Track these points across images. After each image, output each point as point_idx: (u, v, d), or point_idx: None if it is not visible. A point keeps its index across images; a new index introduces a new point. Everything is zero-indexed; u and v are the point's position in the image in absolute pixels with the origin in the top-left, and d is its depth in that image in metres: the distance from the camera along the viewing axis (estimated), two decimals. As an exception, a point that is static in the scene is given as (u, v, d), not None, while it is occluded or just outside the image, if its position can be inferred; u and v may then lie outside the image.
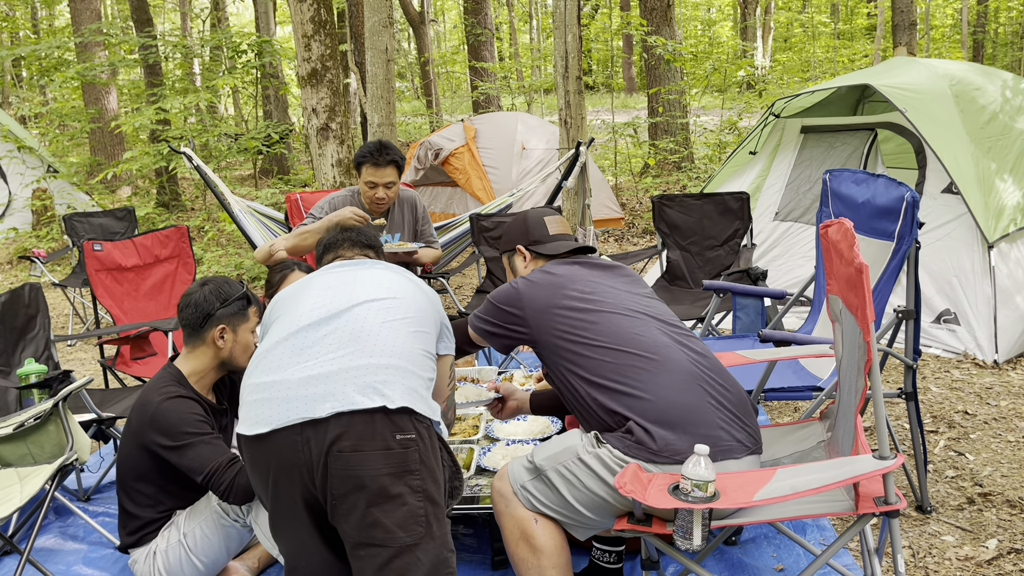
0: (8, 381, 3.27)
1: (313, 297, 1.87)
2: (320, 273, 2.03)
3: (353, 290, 1.89)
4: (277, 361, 1.74)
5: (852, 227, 1.87)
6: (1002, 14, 18.43)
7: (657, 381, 1.97)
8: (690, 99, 10.66)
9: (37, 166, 9.48)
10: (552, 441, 2.04)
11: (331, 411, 1.61)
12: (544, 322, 2.12)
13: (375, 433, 1.62)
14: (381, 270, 2.04)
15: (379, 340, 1.75)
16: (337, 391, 1.64)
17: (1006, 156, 4.61)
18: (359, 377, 1.66)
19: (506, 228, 2.47)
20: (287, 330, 1.79)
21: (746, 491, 1.70)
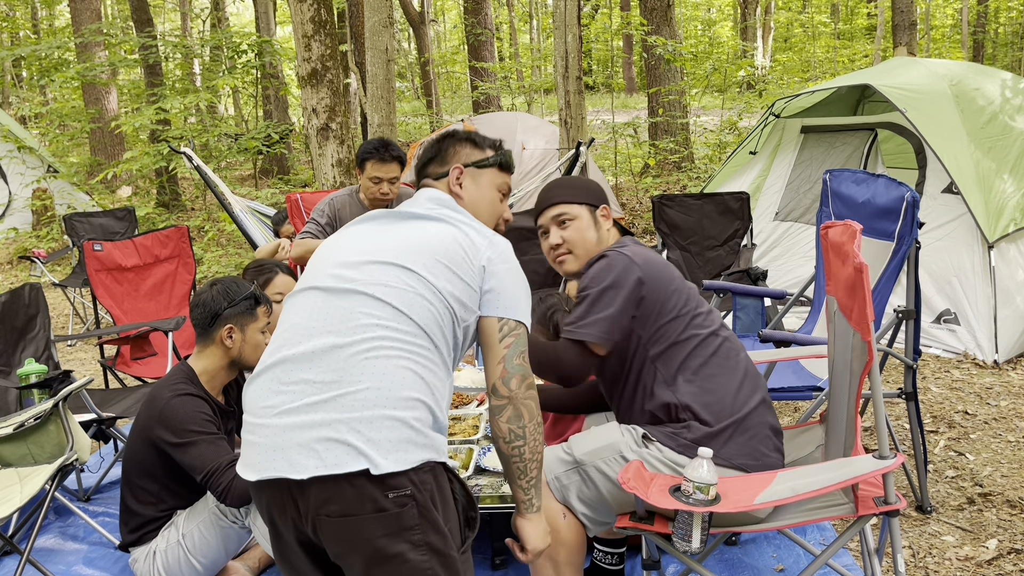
0: (8, 381, 3.27)
1: (308, 312, 1.58)
2: (319, 277, 1.67)
3: (347, 314, 1.55)
4: (263, 394, 1.53)
5: (860, 230, 1.86)
6: (1002, 14, 18.43)
7: (733, 382, 1.96)
8: (690, 99, 10.66)
9: (37, 166, 9.48)
10: (591, 434, 2.00)
11: (311, 474, 1.41)
12: (657, 302, 1.96)
13: (364, 496, 1.42)
14: (385, 268, 1.64)
15: (365, 376, 1.49)
16: (319, 447, 1.43)
17: (1006, 156, 4.61)
18: (341, 432, 1.44)
19: (576, 182, 2.18)
20: (277, 354, 1.56)
21: (747, 494, 1.70)
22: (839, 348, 1.99)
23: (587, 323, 1.94)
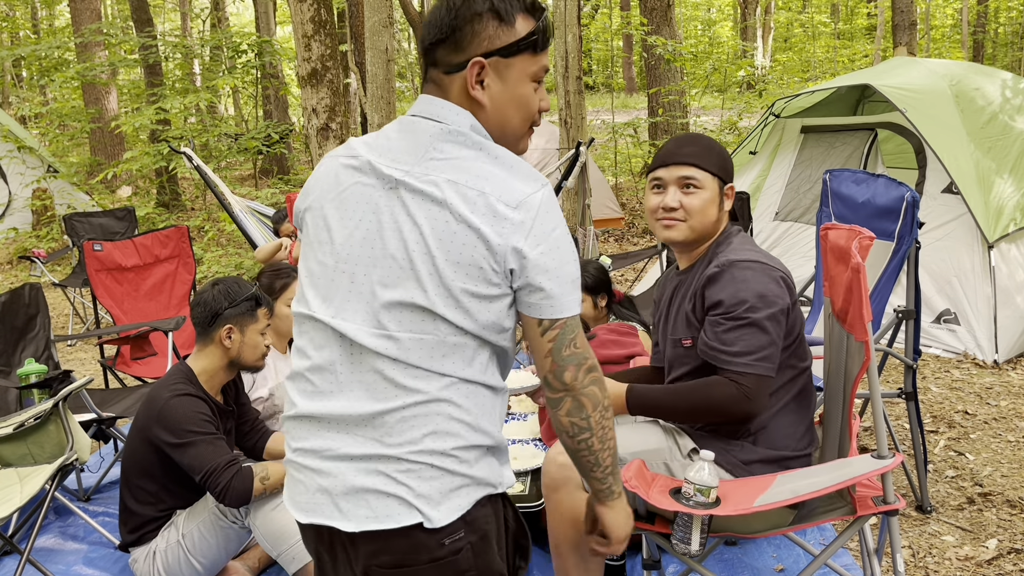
0: (8, 381, 3.28)
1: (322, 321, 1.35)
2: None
3: (358, 328, 1.33)
4: (304, 421, 1.36)
5: (871, 239, 1.83)
6: (1002, 14, 18.43)
7: (804, 423, 1.92)
8: (690, 99, 10.66)
9: (37, 166, 9.48)
10: (636, 432, 1.92)
11: (360, 528, 1.29)
12: (789, 328, 1.84)
13: (418, 547, 1.30)
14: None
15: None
16: (368, 496, 1.29)
17: (1006, 156, 4.61)
18: (386, 480, 1.29)
19: (717, 147, 1.96)
20: (308, 360, 1.37)
21: (747, 497, 1.70)
22: (834, 350, 1.99)
23: (764, 356, 1.76)
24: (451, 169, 1.31)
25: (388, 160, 1.35)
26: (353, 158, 1.38)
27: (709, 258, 1.92)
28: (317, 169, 1.43)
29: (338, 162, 1.39)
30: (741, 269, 1.80)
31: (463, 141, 1.34)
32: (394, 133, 1.39)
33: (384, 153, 1.36)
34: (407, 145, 1.36)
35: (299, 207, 1.44)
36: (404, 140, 1.37)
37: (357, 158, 1.37)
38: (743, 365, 1.75)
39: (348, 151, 1.40)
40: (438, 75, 1.39)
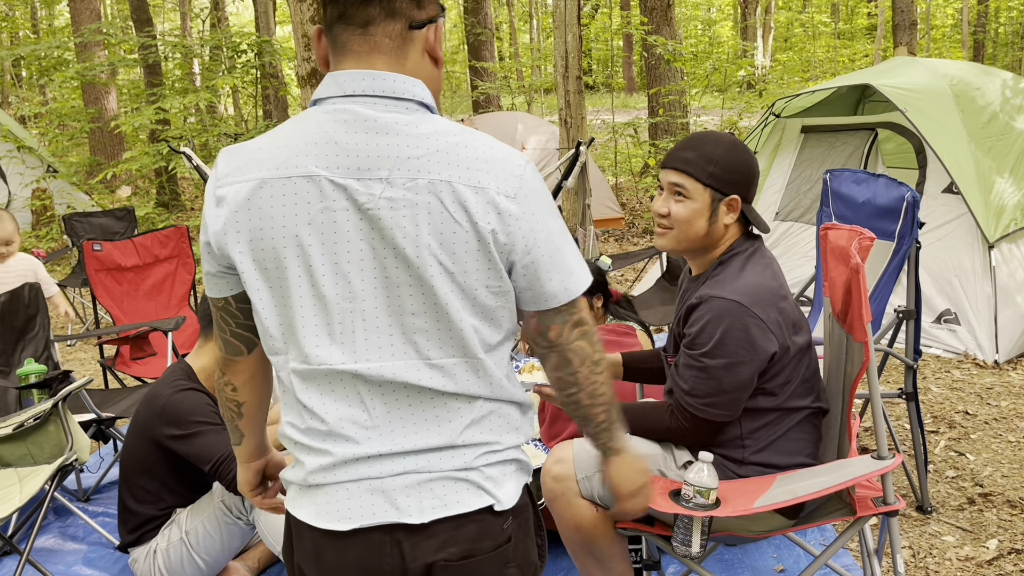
0: (8, 381, 3.27)
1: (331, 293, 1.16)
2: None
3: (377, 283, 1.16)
4: (334, 405, 1.19)
5: (871, 240, 1.83)
6: (1002, 14, 18.43)
7: (804, 452, 1.87)
8: (690, 99, 10.66)
9: (37, 166, 9.47)
10: (632, 440, 1.93)
11: (432, 517, 1.19)
12: (781, 371, 1.79)
13: (485, 532, 1.23)
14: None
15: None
16: (432, 485, 1.20)
17: (1006, 156, 4.61)
18: (453, 460, 1.21)
19: (718, 153, 1.83)
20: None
21: (746, 498, 1.70)
22: (834, 350, 1.99)
23: (714, 403, 1.74)
24: (440, 164, 1.13)
25: (352, 172, 1.12)
26: (294, 179, 1.12)
27: (707, 276, 1.86)
28: (233, 193, 1.14)
29: (279, 184, 1.12)
30: (717, 309, 1.72)
31: (433, 122, 1.16)
32: (342, 133, 1.13)
33: (342, 164, 1.12)
34: (372, 146, 1.13)
35: (228, 244, 1.15)
36: (365, 139, 1.12)
37: (311, 178, 1.12)
38: (688, 404, 1.78)
39: (284, 167, 1.13)
40: (394, 30, 1.16)
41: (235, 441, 1.45)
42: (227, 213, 1.14)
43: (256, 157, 1.15)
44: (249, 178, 1.14)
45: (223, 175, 1.16)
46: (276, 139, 1.16)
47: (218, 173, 1.17)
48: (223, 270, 1.20)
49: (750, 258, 1.83)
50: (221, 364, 1.34)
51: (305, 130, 1.15)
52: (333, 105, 1.15)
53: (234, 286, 1.22)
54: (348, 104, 1.14)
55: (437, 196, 1.12)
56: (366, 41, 1.16)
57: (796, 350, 1.78)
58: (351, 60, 1.17)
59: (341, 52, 1.18)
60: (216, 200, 1.16)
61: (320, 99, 1.17)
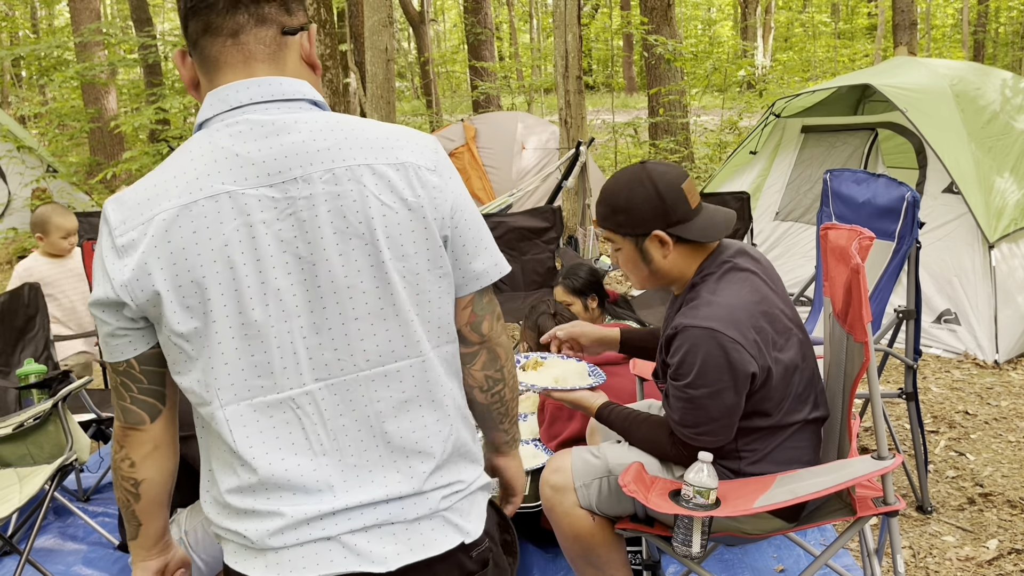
0: (8, 381, 3.27)
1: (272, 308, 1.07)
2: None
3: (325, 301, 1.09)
4: (278, 454, 1.09)
5: (871, 239, 1.82)
6: (1003, 14, 18.43)
7: (802, 461, 1.84)
8: (690, 99, 10.67)
9: (37, 166, 9.47)
10: (624, 448, 1.93)
11: (400, 564, 1.10)
12: (769, 391, 1.75)
13: (458, 567, 1.16)
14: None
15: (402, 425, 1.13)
16: (397, 529, 1.11)
17: (1007, 156, 4.61)
18: (417, 508, 1.13)
19: (620, 200, 1.80)
20: (260, 390, 1.09)
21: (746, 498, 1.69)
22: (834, 350, 1.99)
23: (706, 431, 1.74)
24: (353, 149, 1.08)
25: (263, 180, 1.05)
26: (201, 202, 1.03)
27: (683, 300, 1.84)
28: (138, 236, 1.04)
29: (187, 211, 1.03)
30: (692, 338, 1.69)
31: (328, 115, 1.12)
32: (240, 144, 1.05)
33: (249, 175, 1.05)
34: (276, 148, 1.06)
35: (145, 289, 1.05)
36: (266, 144, 1.06)
37: (221, 196, 1.04)
38: (682, 435, 1.79)
39: (188, 193, 1.04)
40: (267, 36, 1.09)
41: (130, 535, 1.23)
42: (138, 258, 1.03)
43: (152, 194, 1.05)
44: (151, 215, 1.03)
45: (117, 224, 1.05)
46: (167, 172, 1.06)
47: (111, 226, 1.06)
48: (127, 327, 1.08)
49: (724, 276, 1.78)
50: (119, 438, 1.17)
51: (200, 155, 1.06)
52: (222, 121, 1.07)
53: (138, 344, 1.10)
54: (238, 116, 1.07)
55: (359, 181, 1.06)
56: (239, 51, 1.09)
57: (782, 368, 1.75)
58: (227, 73, 1.09)
59: (214, 67, 1.10)
60: (117, 251, 1.04)
61: (205, 120, 1.09)
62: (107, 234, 1.07)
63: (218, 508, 1.13)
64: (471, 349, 1.24)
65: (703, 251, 1.83)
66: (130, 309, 1.06)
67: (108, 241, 1.06)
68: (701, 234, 1.78)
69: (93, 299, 1.07)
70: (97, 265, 1.07)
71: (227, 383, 1.06)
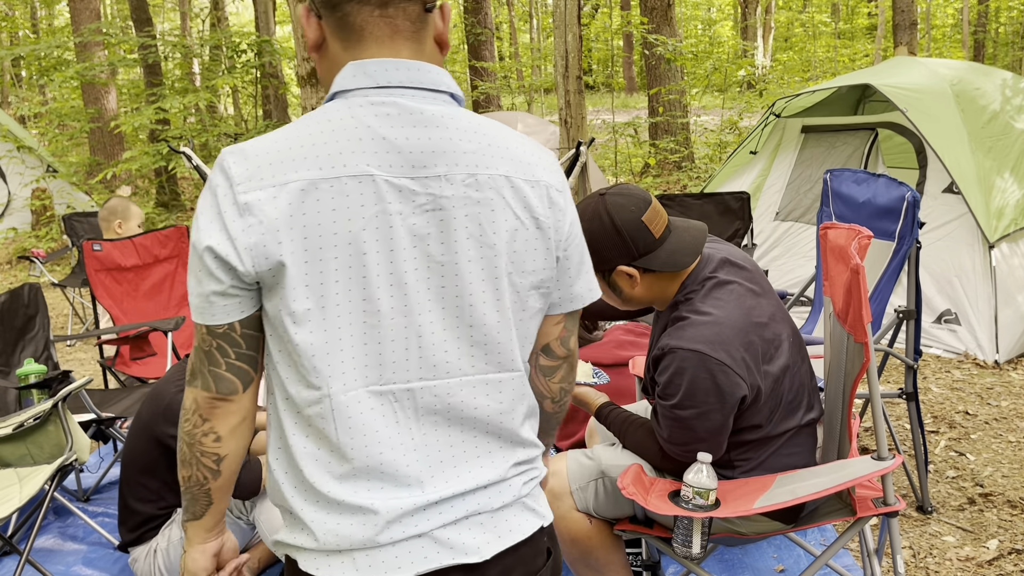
0: (7, 381, 3.27)
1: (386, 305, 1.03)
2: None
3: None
4: (376, 445, 1.04)
5: (869, 238, 1.83)
6: (1003, 14, 18.43)
7: (799, 465, 1.83)
8: (690, 99, 10.66)
9: (36, 166, 9.47)
10: (617, 451, 1.94)
11: (494, 551, 1.09)
12: (758, 407, 1.74)
13: (538, 550, 1.16)
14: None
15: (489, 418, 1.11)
16: (484, 518, 1.10)
17: (1007, 156, 4.61)
18: (502, 496, 1.12)
19: (586, 239, 1.76)
20: (370, 381, 1.04)
21: (746, 499, 1.69)
22: (834, 350, 1.99)
23: (694, 449, 1.73)
24: (495, 158, 1.06)
25: (407, 170, 1.01)
26: (344, 179, 0.99)
27: (668, 319, 1.82)
28: (268, 198, 0.98)
29: (328, 185, 0.98)
30: (679, 360, 1.67)
31: (468, 115, 1.08)
32: (387, 128, 1.01)
33: (395, 162, 1.01)
34: (423, 141, 1.02)
35: (271, 257, 0.98)
36: (414, 134, 1.02)
37: (365, 178, 1.00)
38: (671, 451, 1.80)
39: (331, 166, 0.99)
40: (413, 12, 1.05)
41: (195, 512, 1.16)
42: (267, 223, 0.97)
43: (286, 156, 0.99)
44: (284, 179, 0.98)
45: (241, 178, 0.98)
46: (302, 136, 1.01)
47: (232, 178, 0.99)
48: (240, 287, 1.01)
49: (709, 293, 1.75)
50: (203, 410, 1.08)
51: (343, 127, 1.00)
52: (366, 97, 1.02)
53: (246, 306, 1.03)
54: (385, 96, 1.02)
55: (499, 192, 1.05)
56: (386, 24, 1.04)
57: (771, 381, 1.74)
58: (371, 46, 1.05)
59: (356, 36, 1.05)
60: (239, 208, 0.97)
61: (346, 90, 1.04)
62: (227, 186, 0.99)
63: (303, 500, 1.05)
64: (555, 363, 1.25)
65: (681, 272, 1.80)
66: (245, 274, 0.99)
67: (228, 194, 0.98)
68: (668, 264, 1.74)
69: (205, 245, 0.98)
70: (210, 215, 0.99)
71: (338, 370, 1.02)
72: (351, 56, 1.05)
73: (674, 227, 1.79)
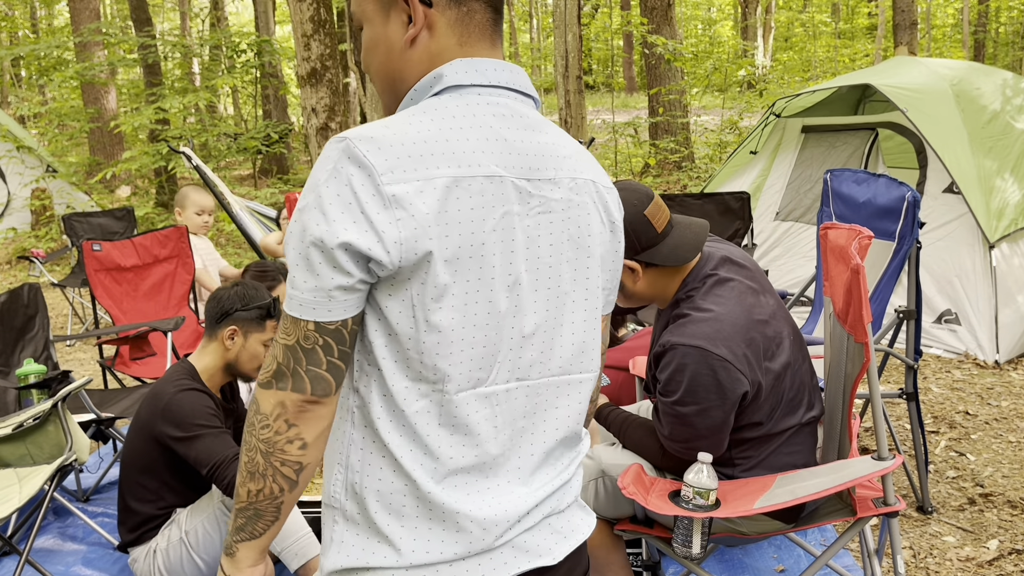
0: (7, 381, 3.27)
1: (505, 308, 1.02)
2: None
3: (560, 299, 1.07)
4: (483, 443, 1.03)
5: (870, 238, 1.83)
6: (1003, 14, 18.43)
7: (798, 463, 1.83)
8: (691, 99, 10.66)
9: (36, 166, 9.47)
10: (617, 450, 1.94)
11: (564, 552, 1.09)
12: (759, 404, 1.75)
13: (584, 548, 1.18)
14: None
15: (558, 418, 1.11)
16: (552, 520, 1.09)
17: (1007, 156, 4.61)
18: (567, 496, 1.12)
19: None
20: (479, 381, 1.02)
21: (747, 499, 1.69)
22: (834, 350, 1.99)
23: (695, 446, 1.74)
24: (583, 163, 1.10)
25: (524, 172, 1.02)
26: (479, 179, 0.98)
27: (669, 317, 1.82)
28: (416, 192, 0.94)
29: (466, 184, 0.97)
30: (680, 357, 1.68)
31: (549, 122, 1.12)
32: (504, 128, 1.01)
33: (514, 164, 1.01)
34: (534, 144, 1.04)
35: (420, 253, 0.95)
36: (527, 136, 1.03)
37: (495, 179, 0.99)
38: (672, 448, 1.80)
39: (468, 165, 0.97)
40: (501, 19, 1.08)
41: (254, 531, 1.06)
42: (419, 217, 0.94)
43: (425, 150, 0.96)
44: (431, 174, 0.95)
45: (383, 168, 0.93)
46: (433, 130, 0.98)
47: (373, 168, 0.93)
48: (366, 282, 0.96)
49: (710, 291, 1.75)
50: (291, 414, 0.99)
51: (469, 125, 0.99)
52: (479, 96, 1.02)
53: (362, 302, 0.98)
54: (496, 96, 1.03)
55: (591, 197, 1.09)
56: (495, 28, 1.06)
57: (772, 378, 1.74)
58: (481, 45, 1.05)
59: (471, 34, 1.04)
60: (384, 200, 0.92)
61: (460, 85, 1.02)
62: (366, 176, 0.93)
63: (387, 511, 1.00)
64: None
65: (683, 268, 1.80)
66: (385, 268, 0.94)
67: (370, 185, 0.93)
68: (670, 258, 1.75)
69: (341, 241, 0.92)
70: (344, 206, 0.93)
71: (457, 371, 0.99)
72: (464, 52, 1.04)
73: (676, 223, 1.80)
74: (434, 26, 1.04)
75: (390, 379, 0.99)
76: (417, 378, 0.99)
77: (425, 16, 1.04)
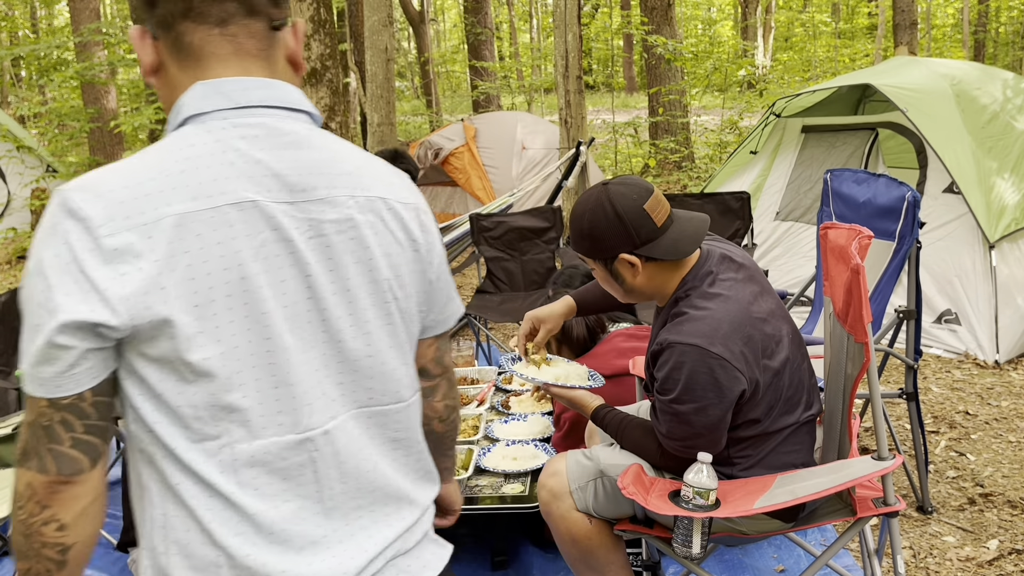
0: (7, 381, 3.27)
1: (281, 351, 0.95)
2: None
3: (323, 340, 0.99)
4: (284, 503, 0.96)
5: (869, 238, 1.82)
6: (1003, 14, 18.43)
7: (798, 462, 1.83)
8: (691, 98, 10.67)
9: (36, 166, 9.47)
10: (615, 450, 1.94)
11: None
12: (756, 401, 1.73)
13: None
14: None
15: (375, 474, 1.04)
16: (399, 560, 1.06)
17: (1007, 156, 4.61)
18: (414, 535, 1.09)
19: (584, 226, 1.79)
20: (269, 437, 0.94)
21: (746, 499, 1.69)
22: (834, 350, 1.99)
23: (693, 444, 1.73)
24: (369, 179, 1.03)
25: (286, 195, 0.94)
26: (224, 209, 0.90)
27: (667, 315, 1.82)
28: (138, 240, 0.86)
29: (206, 217, 0.88)
30: (678, 355, 1.67)
31: (331, 136, 1.03)
32: (258, 150, 0.93)
33: (272, 186, 0.93)
34: (299, 162, 0.96)
35: (154, 306, 0.86)
36: (288, 155, 0.95)
37: (246, 205, 0.91)
38: (668, 446, 1.79)
39: (206, 196, 0.89)
40: (257, 30, 0.97)
41: None
42: (146, 269, 0.85)
43: (147, 190, 0.87)
44: (156, 216, 0.86)
45: (101, 220, 0.85)
46: (164, 165, 0.89)
47: (90, 222, 0.85)
48: (97, 348, 0.88)
49: (709, 289, 1.75)
50: (41, 496, 0.90)
51: (209, 152, 0.91)
52: (226, 120, 0.93)
53: (100, 370, 0.89)
54: (248, 117, 0.94)
55: (378, 214, 1.01)
56: (228, 42, 0.96)
57: (771, 376, 1.74)
58: (215, 65, 0.96)
59: (195, 57, 0.95)
60: (105, 255, 0.84)
61: (201, 113, 0.94)
62: (83, 230, 0.85)
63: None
64: (433, 382, 1.22)
65: (682, 265, 1.80)
66: (116, 330, 0.86)
67: (87, 240, 0.85)
68: (670, 252, 1.76)
69: (62, 323, 0.84)
70: (62, 268, 0.85)
71: (247, 418, 0.92)
72: (191, 79, 0.96)
73: (676, 217, 1.81)
74: (165, 57, 0.97)
75: (172, 444, 0.91)
76: (201, 438, 0.91)
77: (155, 48, 0.98)
